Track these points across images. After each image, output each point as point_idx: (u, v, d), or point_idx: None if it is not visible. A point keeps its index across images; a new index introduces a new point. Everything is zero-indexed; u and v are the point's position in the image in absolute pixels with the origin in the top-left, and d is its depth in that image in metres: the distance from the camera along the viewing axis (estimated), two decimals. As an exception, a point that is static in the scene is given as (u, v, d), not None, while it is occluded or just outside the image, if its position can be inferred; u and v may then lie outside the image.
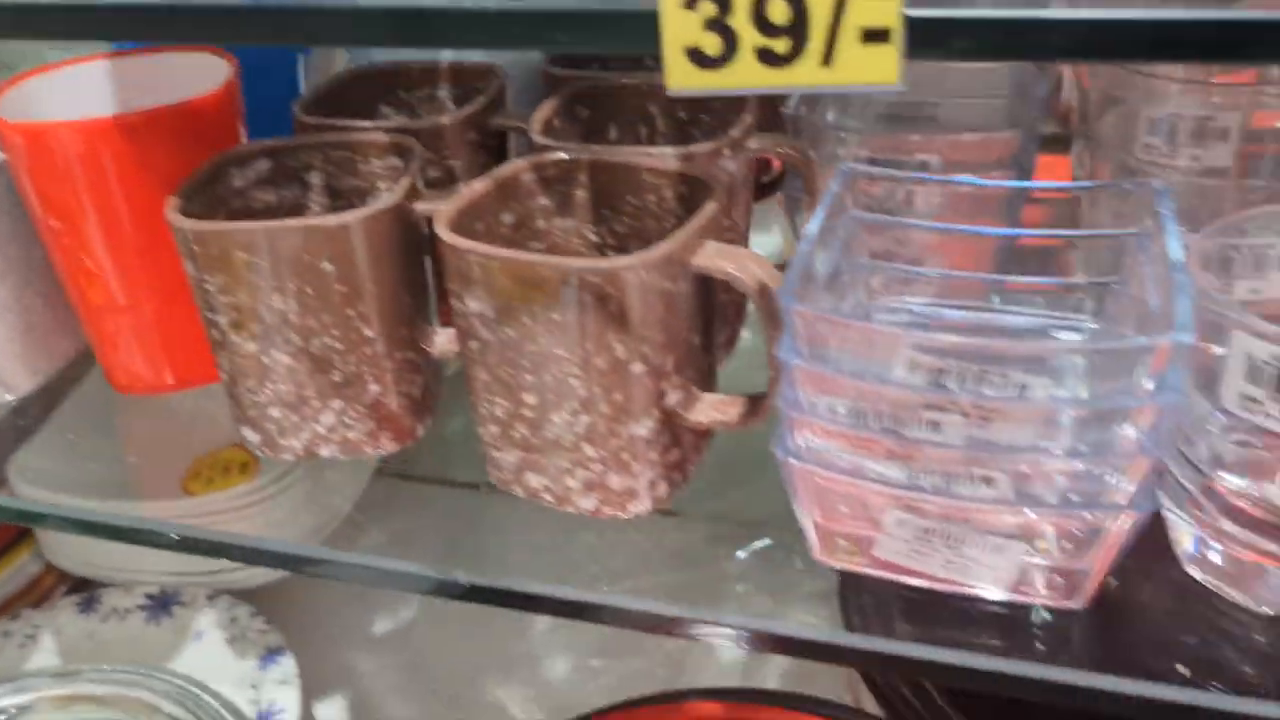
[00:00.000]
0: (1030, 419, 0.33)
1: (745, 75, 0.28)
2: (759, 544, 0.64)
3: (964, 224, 0.44)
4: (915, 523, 0.35)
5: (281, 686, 0.65)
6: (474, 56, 0.55)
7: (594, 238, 0.45)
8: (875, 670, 0.53)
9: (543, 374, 0.38)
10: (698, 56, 0.28)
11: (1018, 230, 0.44)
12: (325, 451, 0.45)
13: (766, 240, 0.64)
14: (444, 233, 0.38)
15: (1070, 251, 0.44)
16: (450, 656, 0.79)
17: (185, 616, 0.71)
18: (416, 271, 0.44)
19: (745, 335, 0.54)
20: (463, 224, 0.40)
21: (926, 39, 0.26)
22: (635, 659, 0.73)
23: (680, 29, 0.28)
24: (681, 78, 0.28)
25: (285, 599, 0.76)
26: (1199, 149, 0.46)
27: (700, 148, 0.43)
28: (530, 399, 0.39)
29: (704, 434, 0.44)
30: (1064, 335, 0.43)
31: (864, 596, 0.49)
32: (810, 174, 0.47)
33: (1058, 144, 0.54)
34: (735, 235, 0.47)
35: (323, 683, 0.75)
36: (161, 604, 0.72)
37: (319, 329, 0.42)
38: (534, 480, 0.42)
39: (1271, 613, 0.36)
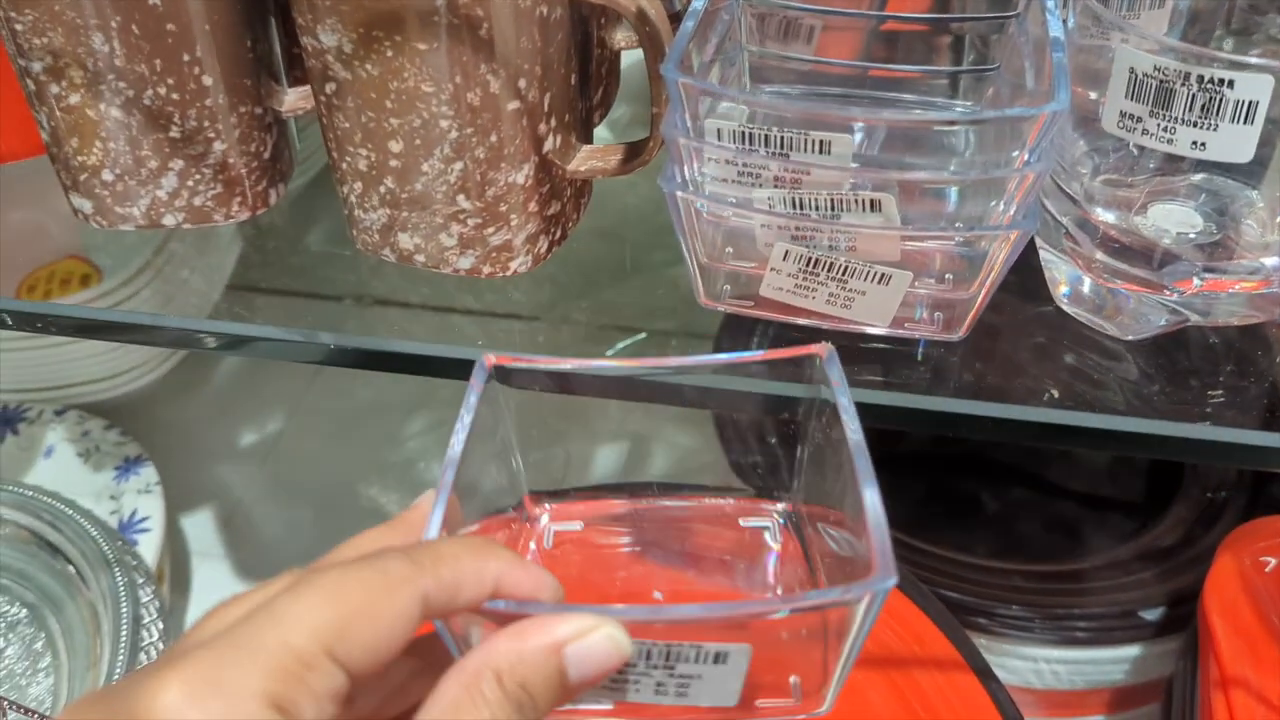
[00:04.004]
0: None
1: None
2: (636, 338, 0.64)
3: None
4: (801, 254, 0.34)
5: (143, 495, 0.63)
6: None
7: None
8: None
9: (409, 116, 0.36)
10: None
11: (901, 15, 0.43)
12: (169, 220, 0.41)
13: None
14: (287, -46, 0.34)
15: (948, 38, 0.43)
16: (320, 466, 0.77)
17: (32, 433, 0.67)
18: (258, 15, 0.40)
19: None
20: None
21: None
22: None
23: None
24: None
25: (143, 415, 0.72)
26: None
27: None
28: (396, 147, 0.36)
29: (582, 192, 0.42)
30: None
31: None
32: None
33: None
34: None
35: (187, 495, 0.72)
36: (4, 421, 0.67)
37: (150, 76, 0.38)
38: (405, 241, 0.39)
39: (1134, 338, 0.38)
